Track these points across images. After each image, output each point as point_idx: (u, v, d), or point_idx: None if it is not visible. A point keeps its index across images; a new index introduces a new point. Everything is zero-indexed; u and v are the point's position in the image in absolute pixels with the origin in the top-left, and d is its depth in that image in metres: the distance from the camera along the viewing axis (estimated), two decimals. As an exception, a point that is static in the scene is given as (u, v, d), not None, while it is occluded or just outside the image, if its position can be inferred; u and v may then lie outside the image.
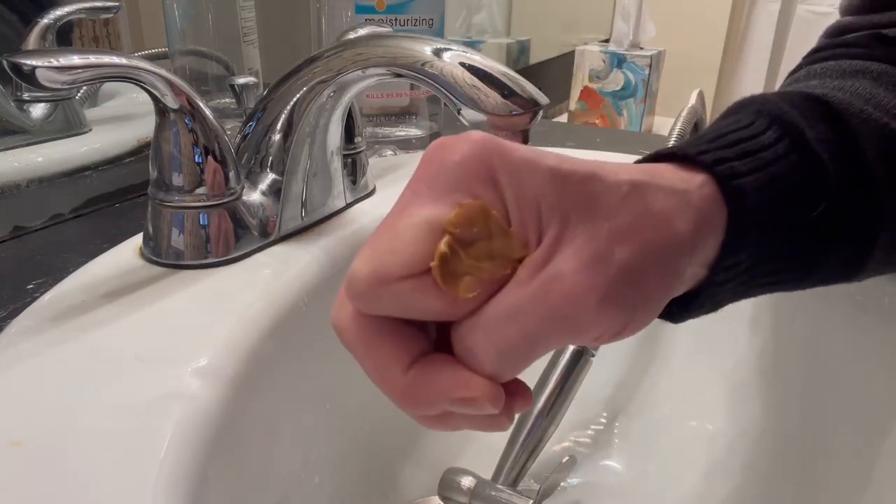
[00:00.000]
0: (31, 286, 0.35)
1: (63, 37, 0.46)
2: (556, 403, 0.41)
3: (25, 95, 0.44)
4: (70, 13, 0.46)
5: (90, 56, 0.27)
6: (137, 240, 0.36)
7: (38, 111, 0.45)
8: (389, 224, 0.20)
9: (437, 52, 0.29)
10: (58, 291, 0.32)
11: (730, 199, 0.23)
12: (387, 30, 0.43)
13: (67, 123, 0.47)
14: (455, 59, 0.29)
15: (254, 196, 0.36)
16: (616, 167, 0.21)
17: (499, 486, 0.39)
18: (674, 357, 0.51)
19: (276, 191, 0.37)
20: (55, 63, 0.25)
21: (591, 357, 0.42)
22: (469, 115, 0.29)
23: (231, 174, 0.34)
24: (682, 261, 0.22)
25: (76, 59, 0.26)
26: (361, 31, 0.40)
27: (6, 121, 0.43)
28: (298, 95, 0.34)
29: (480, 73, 0.28)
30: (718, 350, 0.48)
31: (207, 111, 0.32)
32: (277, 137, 0.36)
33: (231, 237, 0.35)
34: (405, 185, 0.21)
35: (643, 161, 0.25)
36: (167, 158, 0.33)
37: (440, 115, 0.61)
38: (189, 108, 0.32)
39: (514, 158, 0.20)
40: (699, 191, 0.22)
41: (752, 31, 1.88)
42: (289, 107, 0.35)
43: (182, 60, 0.52)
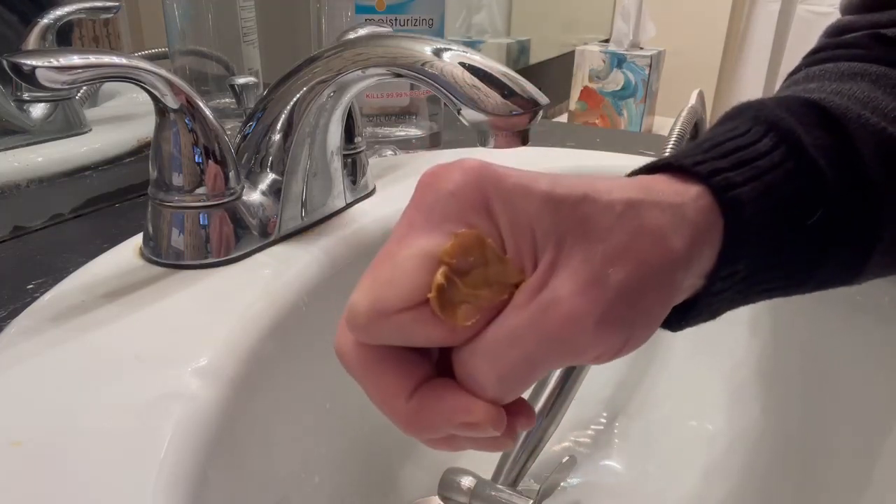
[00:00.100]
0: (31, 286, 0.35)
1: (63, 37, 0.46)
2: (556, 403, 0.41)
3: (25, 95, 0.44)
4: (70, 13, 0.46)
5: (90, 56, 0.27)
6: (137, 240, 0.36)
7: (38, 111, 0.45)
8: (387, 255, 0.20)
9: (437, 52, 0.29)
10: (58, 291, 0.32)
11: (726, 211, 0.23)
12: (387, 30, 0.43)
13: (67, 123, 0.47)
14: (455, 59, 0.29)
15: (254, 196, 0.36)
16: (610, 185, 0.21)
17: (499, 486, 0.39)
18: (674, 358, 0.51)
19: (276, 191, 0.37)
20: (55, 63, 0.25)
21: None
22: (469, 115, 0.29)
23: (231, 174, 0.34)
24: (679, 275, 0.22)
25: (76, 59, 0.26)
26: (361, 31, 0.40)
27: (6, 121, 0.43)
28: (298, 95, 0.34)
29: (480, 73, 0.28)
30: (718, 350, 0.48)
31: (207, 111, 0.32)
32: (277, 137, 0.36)
33: (231, 237, 0.35)
34: (402, 213, 0.21)
35: (639, 172, 0.25)
36: (167, 158, 0.33)
37: (440, 115, 0.61)
38: (189, 108, 0.32)
39: (508, 185, 0.20)
40: (695, 203, 0.22)
41: (752, 31, 1.88)
42: (289, 107, 0.35)
43: (182, 60, 0.52)
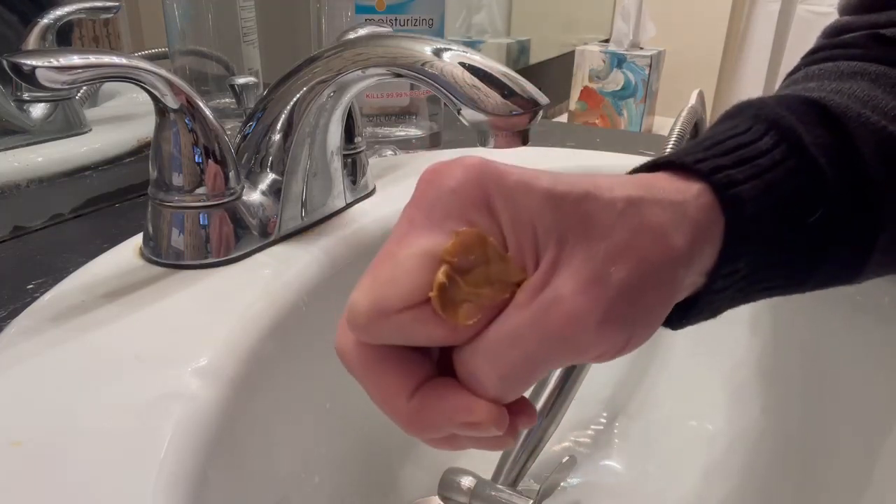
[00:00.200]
0: (31, 286, 0.35)
1: (63, 37, 0.46)
2: (556, 403, 0.41)
3: (25, 95, 0.44)
4: (70, 13, 0.46)
5: (90, 56, 0.27)
6: (137, 240, 0.36)
7: (38, 111, 0.45)
8: (388, 253, 0.20)
9: (437, 52, 0.29)
10: (58, 291, 0.32)
11: (727, 209, 0.23)
12: (387, 30, 0.43)
13: (67, 123, 0.47)
14: (455, 59, 0.29)
15: (254, 196, 0.36)
16: (611, 183, 0.21)
17: (499, 486, 0.39)
18: (674, 357, 0.51)
19: (276, 191, 0.37)
20: (55, 63, 0.25)
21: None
22: (469, 115, 0.29)
23: (231, 174, 0.34)
24: (680, 273, 0.22)
25: (76, 59, 0.26)
26: (361, 31, 0.40)
27: (6, 121, 0.43)
28: (298, 95, 0.34)
29: (480, 73, 0.28)
30: (718, 350, 0.48)
31: (207, 111, 0.32)
32: (277, 137, 0.36)
33: (231, 237, 0.35)
34: (402, 211, 0.21)
35: (639, 170, 0.25)
36: (167, 158, 0.33)
37: (440, 115, 0.61)
38: (189, 108, 0.32)
39: (509, 183, 0.20)
40: (696, 201, 0.22)
41: (752, 31, 1.88)
42: (289, 107, 0.35)
43: (182, 60, 0.52)
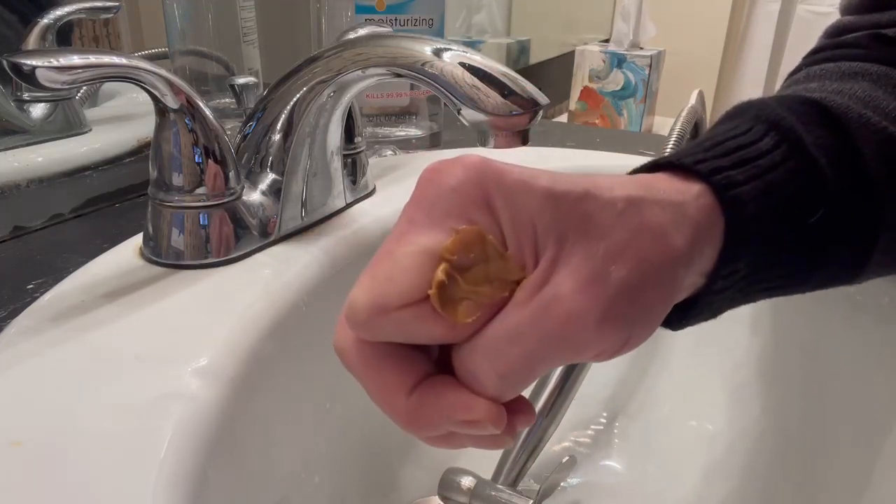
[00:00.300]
0: (31, 286, 0.35)
1: (63, 37, 0.46)
2: (556, 403, 0.41)
3: (25, 95, 0.44)
4: (70, 13, 0.46)
5: (90, 56, 0.27)
6: (137, 240, 0.36)
7: (38, 111, 0.45)
8: (387, 251, 0.20)
9: (437, 52, 0.29)
10: (58, 291, 0.32)
11: (727, 210, 0.23)
12: (387, 30, 0.43)
13: (67, 123, 0.47)
14: (455, 59, 0.29)
15: (254, 196, 0.36)
16: (611, 182, 0.21)
17: (499, 486, 0.39)
18: (674, 357, 0.51)
19: (276, 191, 0.37)
20: (55, 63, 0.25)
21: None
22: (469, 115, 0.29)
23: (231, 174, 0.34)
24: (680, 273, 0.22)
25: (76, 59, 0.26)
26: (361, 31, 0.40)
27: (6, 121, 0.43)
28: (298, 95, 0.34)
29: (480, 73, 0.28)
30: (718, 350, 0.48)
31: (207, 111, 0.32)
32: (277, 137, 0.36)
33: (231, 237, 0.35)
34: (402, 209, 0.21)
35: (640, 171, 0.25)
36: (167, 158, 0.33)
37: (440, 115, 0.61)
38: (189, 108, 0.32)
39: (509, 181, 0.20)
40: (696, 202, 0.22)
41: (752, 31, 1.88)
42: (289, 107, 0.35)
43: (182, 60, 0.52)
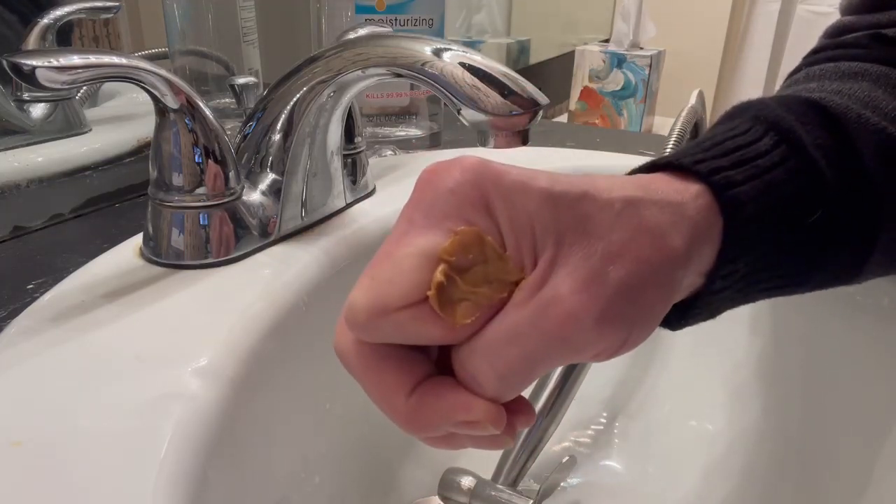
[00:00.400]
0: (31, 286, 0.35)
1: (63, 37, 0.46)
2: (556, 403, 0.41)
3: (25, 95, 0.44)
4: (70, 13, 0.46)
5: (90, 56, 0.27)
6: (137, 240, 0.36)
7: (38, 111, 0.45)
8: (387, 253, 0.20)
9: (437, 52, 0.29)
10: (58, 291, 0.32)
11: (726, 210, 0.23)
12: (387, 30, 0.43)
13: (67, 123, 0.47)
14: (455, 59, 0.29)
15: (254, 196, 0.36)
16: (609, 183, 0.21)
17: (499, 486, 0.39)
18: (674, 357, 0.51)
19: (276, 191, 0.37)
20: (55, 63, 0.25)
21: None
22: (469, 115, 0.29)
23: (231, 174, 0.34)
24: (678, 273, 0.22)
25: (76, 59, 0.26)
26: (361, 31, 0.40)
27: (6, 121, 0.43)
28: (298, 95, 0.34)
29: (480, 73, 0.28)
30: (718, 350, 0.48)
31: (207, 111, 0.32)
32: (277, 137, 0.36)
33: (231, 237, 0.35)
34: (401, 211, 0.21)
35: (638, 171, 0.25)
36: (167, 158, 0.33)
37: (440, 115, 0.61)
38: (189, 108, 0.32)
39: (507, 183, 0.20)
40: (694, 202, 0.22)
41: (752, 31, 1.88)
42: (289, 107, 0.35)
43: (182, 60, 0.52)
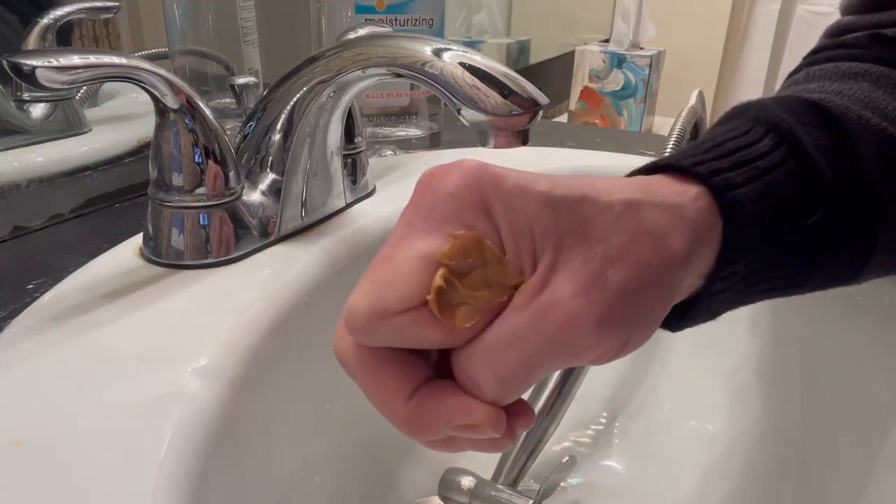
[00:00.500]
0: (31, 286, 0.35)
1: (63, 37, 0.46)
2: (556, 403, 0.41)
3: (25, 95, 0.44)
4: (70, 13, 0.46)
5: (90, 56, 0.27)
6: (137, 240, 0.36)
7: (38, 111, 0.45)
8: (386, 256, 0.20)
9: (437, 52, 0.29)
10: (58, 291, 0.32)
11: (725, 212, 0.23)
12: (387, 30, 0.43)
13: (67, 123, 0.47)
14: (455, 59, 0.29)
15: (254, 196, 0.36)
16: (609, 185, 0.21)
17: (499, 486, 0.39)
18: (674, 357, 0.51)
19: (276, 191, 0.37)
20: (55, 63, 0.25)
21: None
22: (469, 115, 0.29)
23: (231, 174, 0.34)
24: (678, 275, 0.22)
25: (76, 59, 0.26)
26: (361, 31, 0.40)
27: (6, 121, 0.43)
28: (298, 95, 0.34)
29: (480, 73, 0.28)
30: (718, 350, 0.48)
31: (207, 111, 0.32)
32: (277, 137, 0.36)
33: (231, 237, 0.35)
34: (400, 214, 0.21)
35: (638, 172, 0.25)
36: (167, 158, 0.33)
37: (440, 115, 0.61)
38: (189, 108, 0.32)
39: (506, 186, 0.20)
40: (694, 204, 0.22)
41: (752, 31, 1.88)
42: (289, 107, 0.35)
43: (182, 60, 0.52)
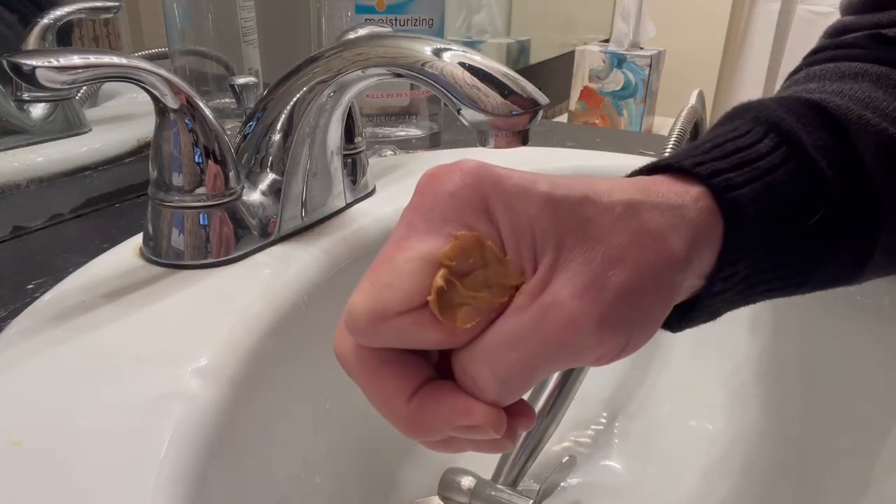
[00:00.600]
0: (31, 286, 0.35)
1: (63, 37, 0.46)
2: (556, 403, 0.41)
3: (25, 95, 0.44)
4: (70, 13, 0.46)
5: (90, 56, 0.27)
6: (137, 240, 0.36)
7: (38, 111, 0.45)
8: (386, 257, 0.20)
9: (437, 52, 0.29)
10: (58, 291, 0.32)
11: (726, 213, 0.23)
12: (387, 30, 0.43)
13: (67, 123, 0.47)
14: (455, 59, 0.29)
15: (254, 196, 0.36)
16: (609, 186, 0.21)
17: (499, 486, 0.39)
18: (674, 358, 0.51)
19: (276, 191, 0.37)
20: (55, 63, 0.25)
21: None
22: (469, 115, 0.29)
23: (231, 174, 0.34)
24: (679, 276, 0.22)
25: (76, 59, 0.26)
26: (361, 31, 0.40)
27: (6, 121, 0.43)
28: (298, 95, 0.34)
29: (480, 73, 0.28)
30: (718, 351, 0.48)
31: (207, 111, 0.32)
32: (277, 137, 0.36)
33: (231, 237, 0.35)
34: (400, 215, 0.21)
35: (638, 173, 0.25)
36: (167, 158, 0.33)
37: (440, 115, 0.60)
38: (189, 108, 0.32)
39: (507, 187, 0.20)
40: (695, 204, 0.22)
41: (752, 31, 1.88)
42: (289, 107, 0.35)
43: (182, 60, 0.52)
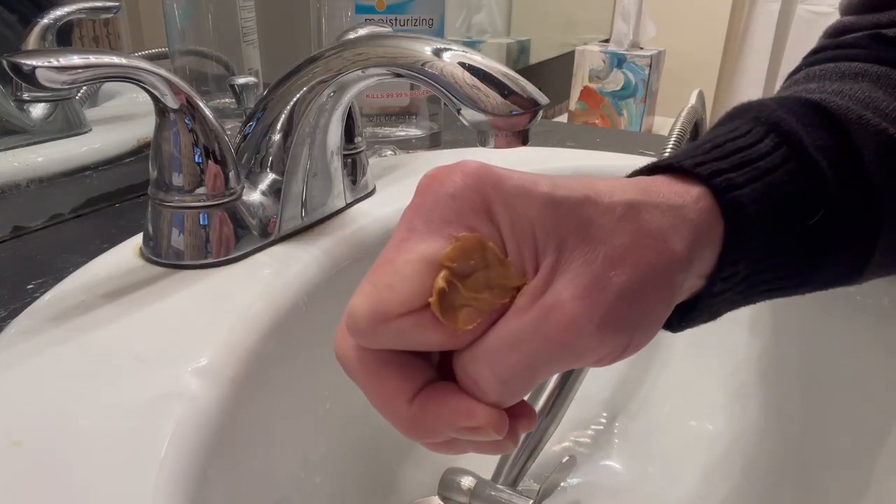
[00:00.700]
0: (31, 286, 0.35)
1: (63, 37, 0.46)
2: (556, 403, 0.41)
3: (25, 95, 0.44)
4: (70, 13, 0.46)
5: (90, 56, 0.27)
6: (137, 240, 0.36)
7: (38, 111, 0.45)
8: (387, 259, 0.20)
9: (437, 52, 0.29)
10: (58, 291, 0.32)
11: (727, 213, 0.23)
12: (387, 30, 0.43)
13: (67, 123, 0.47)
14: (455, 59, 0.29)
15: (254, 196, 0.36)
16: (610, 187, 0.21)
17: (499, 486, 0.39)
18: (674, 358, 0.51)
19: (276, 191, 0.37)
20: (55, 63, 0.25)
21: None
22: (469, 115, 0.29)
23: (231, 174, 0.34)
24: (679, 277, 0.22)
25: (76, 59, 0.26)
26: (361, 31, 0.40)
27: (6, 121, 0.43)
28: (298, 95, 0.34)
29: (480, 73, 0.28)
30: (718, 350, 0.48)
31: (207, 111, 0.32)
32: (277, 137, 0.36)
33: (231, 237, 0.35)
34: (401, 216, 0.21)
35: (639, 173, 0.25)
36: (167, 158, 0.33)
37: (440, 115, 0.61)
38: (189, 108, 0.32)
39: (508, 188, 0.20)
40: (696, 205, 0.22)
41: (752, 31, 1.88)
42: (289, 107, 0.35)
43: (182, 60, 0.52)
